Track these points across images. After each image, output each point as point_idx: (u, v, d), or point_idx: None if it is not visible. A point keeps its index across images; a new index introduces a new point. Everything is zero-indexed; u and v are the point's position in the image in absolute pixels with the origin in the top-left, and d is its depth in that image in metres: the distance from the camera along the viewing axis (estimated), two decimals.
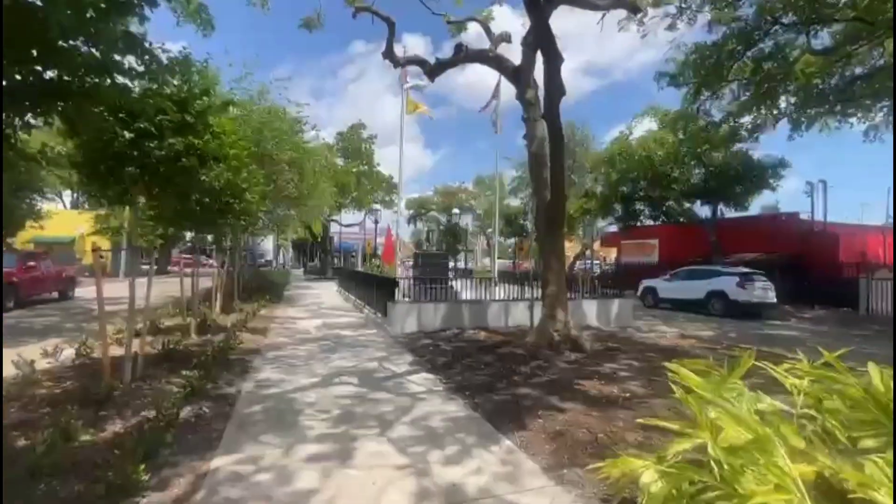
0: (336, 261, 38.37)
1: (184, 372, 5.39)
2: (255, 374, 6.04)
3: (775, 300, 14.90)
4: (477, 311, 10.63)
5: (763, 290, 14.60)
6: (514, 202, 42.48)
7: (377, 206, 30.78)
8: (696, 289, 15.78)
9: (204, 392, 4.95)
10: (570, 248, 30.50)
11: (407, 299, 10.47)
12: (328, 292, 20.90)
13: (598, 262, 35.97)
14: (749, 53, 14.85)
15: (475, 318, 10.52)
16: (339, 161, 34.24)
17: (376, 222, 29.25)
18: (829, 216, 22.22)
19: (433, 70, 10.75)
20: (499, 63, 9.84)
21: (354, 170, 32.83)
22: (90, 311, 11.90)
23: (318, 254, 41.78)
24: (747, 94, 15.94)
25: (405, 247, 33.36)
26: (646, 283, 17.84)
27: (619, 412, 4.81)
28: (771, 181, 19.36)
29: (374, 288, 12.19)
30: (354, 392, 5.39)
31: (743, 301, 14.38)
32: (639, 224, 24.95)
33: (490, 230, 46.02)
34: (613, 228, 31.78)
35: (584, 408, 4.93)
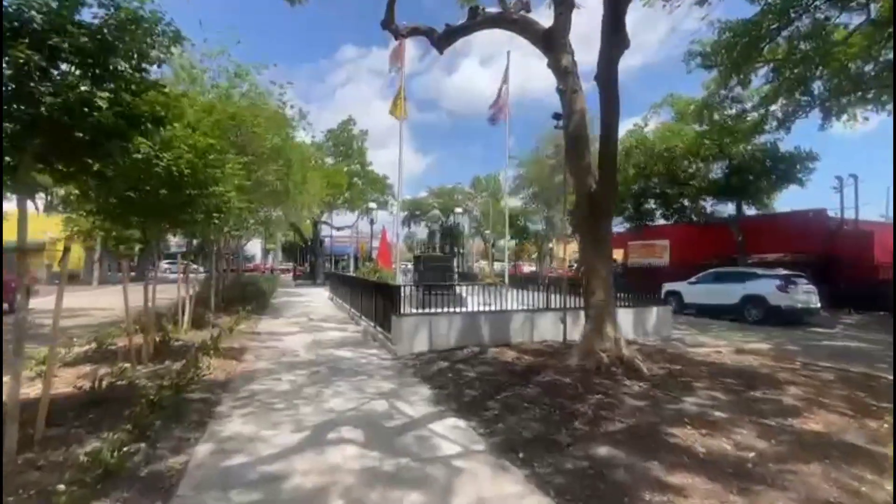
0: (328, 265, 36.53)
1: (106, 434, 3.65)
2: (216, 427, 4.30)
3: (819, 305, 13.45)
4: (495, 324, 8.94)
5: (806, 295, 13.13)
6: (514, 203, 40.95)
7: (373, 205, 28.96)
8: (728, 293, 14.26)
9: (127, 472, 3.21)
10: (574, 251, 28.93)
11: (413, 310, 8.77)
12: (319, 300, 19.10)
13: None
14: (784, 33, 13.48)
15: (494, 333, 8.83)
16: (329, 160, 32.44)
17: (372, 222, 27.47)
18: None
19: (442, 39, 9.12)
20: (523, 27, 8.22)
21: (346, 169, 31.04)
22: (38, 328, 10.01)
23: (307, 257, 39.85)
24: (778, 79, 14.56)
25: (398, 249, 31.61)
26: (668, 286, 16.23)
27: (767, 492, 3.17)
28: (800, 176, 17.95)
29: (372, 296, 10.45)
30: (361, 458, 3.69)
31: (785, 307, 12.87)
32: (649, 223, 23.41)
33: (487, 231, 44.48)
34: (617, 228, 30.27)
35: (709, 484, 3.28)
